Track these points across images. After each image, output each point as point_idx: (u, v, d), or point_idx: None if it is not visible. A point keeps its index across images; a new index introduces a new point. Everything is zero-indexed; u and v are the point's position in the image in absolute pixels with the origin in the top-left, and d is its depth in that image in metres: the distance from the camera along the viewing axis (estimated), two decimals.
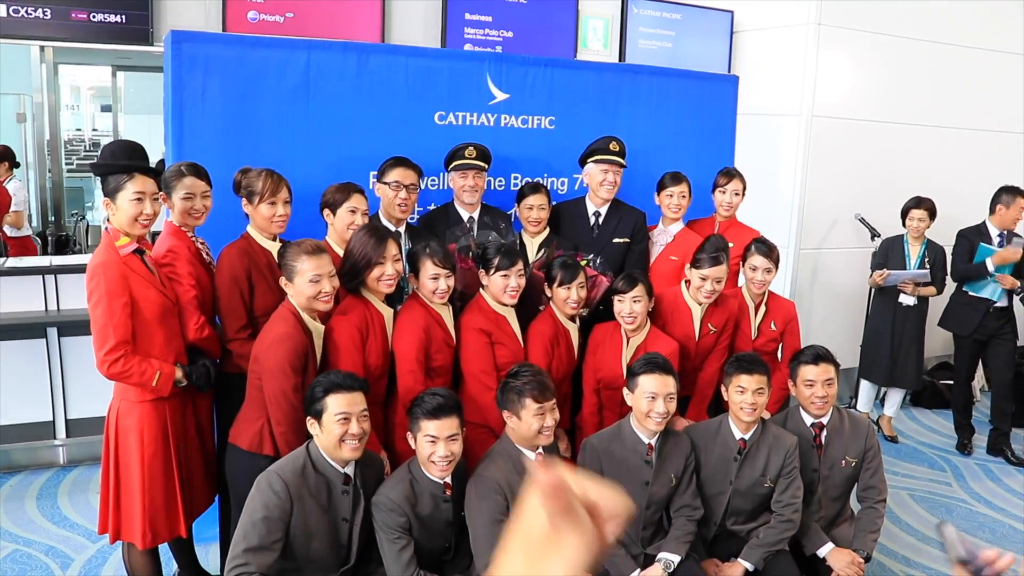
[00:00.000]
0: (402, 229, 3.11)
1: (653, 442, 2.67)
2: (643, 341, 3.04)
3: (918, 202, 4.72)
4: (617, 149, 3.43)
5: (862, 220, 5.04)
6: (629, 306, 2.97)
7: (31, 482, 3.98)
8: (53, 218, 6.18)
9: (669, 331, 3.15)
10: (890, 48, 5.30)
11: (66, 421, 4.16)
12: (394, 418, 2.72)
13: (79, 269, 4.18)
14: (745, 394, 2.69)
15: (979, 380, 5.79)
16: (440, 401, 2.36)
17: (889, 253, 4.80)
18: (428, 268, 2.73)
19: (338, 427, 2.25)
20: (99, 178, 2.52)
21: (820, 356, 2.85)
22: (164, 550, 2.81)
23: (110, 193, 2.45)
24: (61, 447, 4.19)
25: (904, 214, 4.76)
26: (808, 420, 2.90)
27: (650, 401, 2.58)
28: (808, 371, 2.84)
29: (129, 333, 2.41)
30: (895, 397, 5.03)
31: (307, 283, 2.48)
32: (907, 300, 4.77)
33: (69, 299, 4.14)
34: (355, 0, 4.48)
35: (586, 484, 0.65)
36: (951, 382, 5.61)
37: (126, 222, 2.46)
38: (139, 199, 2.45)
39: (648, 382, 2.59)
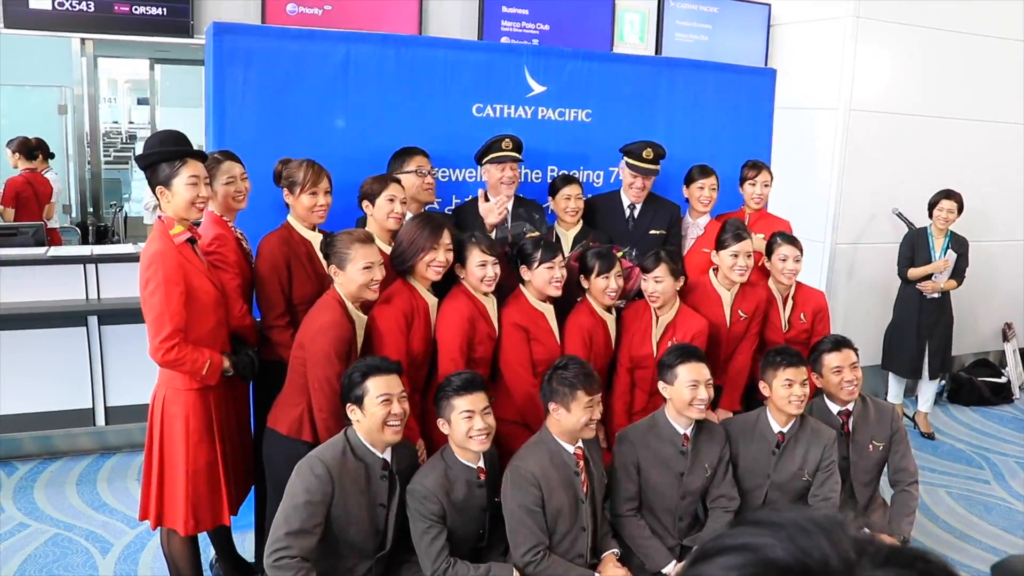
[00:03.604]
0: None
1: (689, 432, 2.68)
2: (672, 319, 3.06)
3: (947, 194, 4.69)
4: (651, 157, 3.41)
5: (899, 215, 4.99)
6: (652, 285, 3.00)
7: (71, 468, 4.07)
8: (92, 209, 6.30)
9: None
10: (929, 41, 5.22)
11: (105, 408, 4.24)
12: (432, 406, 2.75)
13: (119, 258, 4.28)
14: (793, 387, 2.70)
15: (1019, 377, 5.70)
16: (467, 377, 2.42)
17: (916, 246, 4.78)
18: (475, 256, 2.76)
19: (381, 409, 2.29)
20: (146, 169, 2.54)
21: (839, 342, 2.89)
22: (202, 537, 2.84)
23: (164, 181, 2.48)
24: (101, 434, 4.28)
25: (932, 206, 4.73)
26: (835, 409, 2.92)
27: (692, 389, 2.60)
28: (832, 359, 2.86)
29: (184, 321, 2.45)
30: (927, 392, 4.97)
31: (360, 271, 2.52)
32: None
33: (109, 288, 4.21)
34: None
35: None
36: (990, 379, 5.54)
37: (183, 207, 2.50)
38: (194, 183, 2.49)
39: (687, 371, 2.61)
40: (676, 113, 3.93)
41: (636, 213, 3.52)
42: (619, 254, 3.13)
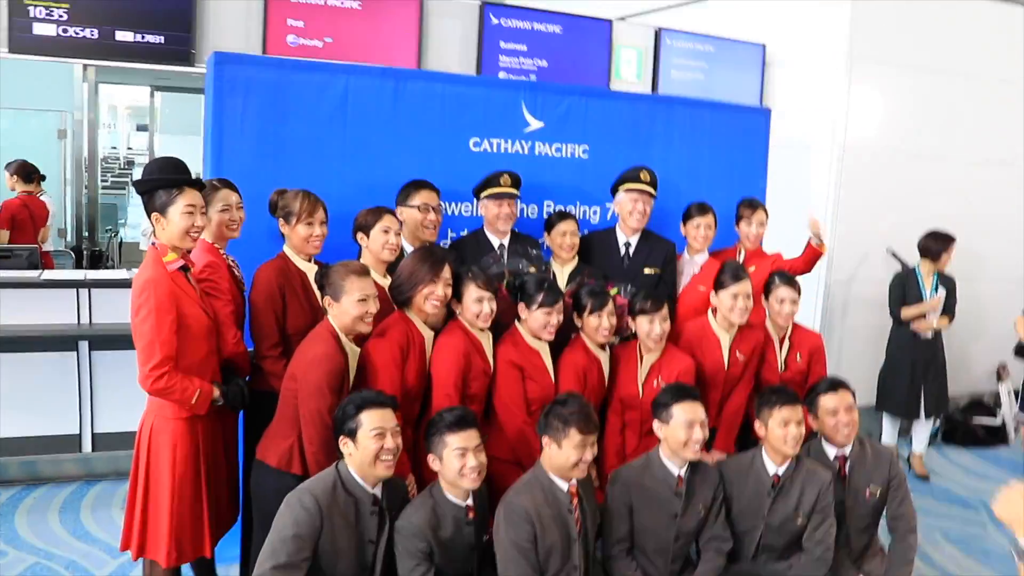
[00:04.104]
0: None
1: (683, 474, 2.66)
2: (658, 359, 3.07)
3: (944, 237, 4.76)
4: (648, 179, 3.46)
5: (894, 254, 5.03)
6: (658, 326, 3.01)
7: (55, 495, 4.02)
8: (87, 233, 6.31)
9: (698, 361, 3.16)
10: (923, 81, 5.31)
11: (93, 435, 4.21)
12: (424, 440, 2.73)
13: (112, 284, 4.27)
14: (789, 426, 2.68)
15: (1014, 419, 5.70)
16: (460, 414, 2.40)
17: (906, 286, 4.82)
18: (472, 291, 2.77)
19: (374, 443, 2.27)
20: (143, 195, 2.54)
21: (836, 384, 2.87)
22: (186, 569, 2.81)
23: (160, 208, 2.48)
24: (86, 461, 4.23)
25: (928, 250, 4.77)
26: (831, 452, 2.89)
27: (688, 429, 2.59)
28: (828, 400, 2.84)
29: (174, 349, 2.44)
30: (923, 433, 4.97)
31: (354, 303, 2.53)
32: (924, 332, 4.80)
33: (102, 313, 4.20)
34: (392, 27, 4.59)
35: None
36: (986, 420, 5.54)
37: (177, 235, 2.50)
38: (191, 211, 2.49)
39: (682, 411, 2.60)
40: (672, 150, 3.97)
41: (631, 250, 3.53)
42: (613, 291, 3.14)
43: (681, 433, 2.59)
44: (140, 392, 2.52)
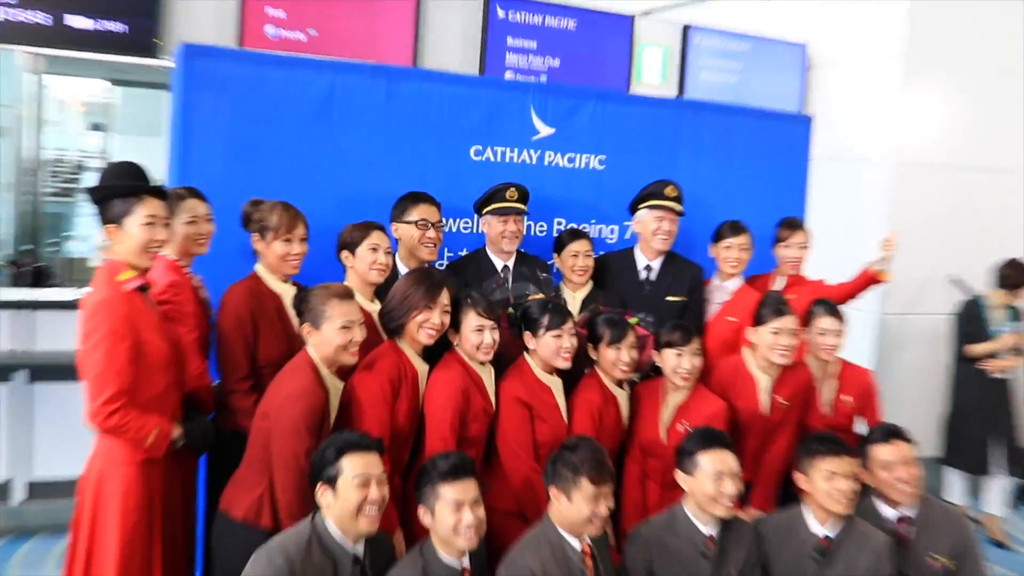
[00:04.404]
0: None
1: (713, 533, 2.66)
2: (684, 400, 3.08)
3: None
4: (674, 195, 3.50)
5: (957, 282, 5.03)
6: (689, 361, 3.03)
7: None
8: (30, 246, 6.34)
9: (732, 405, 3.17)
10: (989, 84, 5.35)
11: (27, 483, 4.19)
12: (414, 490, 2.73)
13: (57, 305, 4.29)
14: (836, 480, 2.67)
15: None
16: (456, 461, 2.40)
17: (972, 319, 4.84)
18: (471, 320, 2.79)
19: (356, 493, 2.27)
20: (97, 204, 2.55)
21: (891, 432, 2.87)
22: None
23: (116, 219, 2.49)
24: (17, 512, 4.20)
25: (1006, 279, 4.79)
26: (888, 512, 2.87)
27: (716, 482, 2.58)
28: (881, 452, 2.84)
29: (130, 382, 2.43)
30: (997, 491, 4.92)
31: (337, 330, 2.55)
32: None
33: (44, 338, 4.22)
34: (386, 20, 4.65)
35: None
36: None
37: (134, 251, 2.50)
38: (151, 223, 2.50)
39: (710, 460, 2.60)
40: (700, 162, 4.02)
41: (653, 275, 3.56)
42: (632, 320, 3.16)
43: (709, 486, 2.59)
44: (86, 431, 2.52)
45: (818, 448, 2.74)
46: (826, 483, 2.69)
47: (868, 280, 3.77)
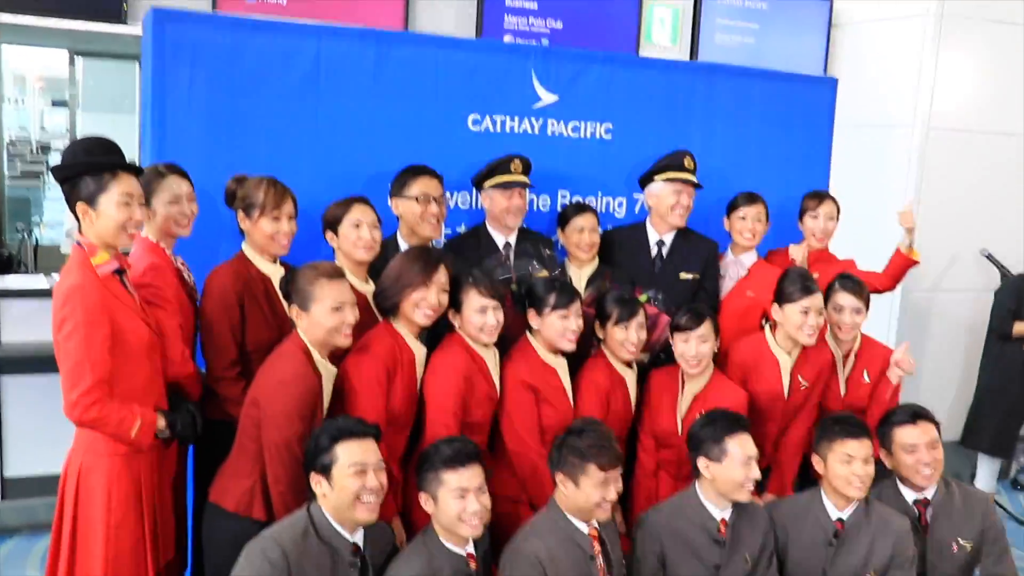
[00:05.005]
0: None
1: (727, 516, 2.75)
2: (702, 389, 3.16)
3: None
4: (692, 167, 3.57)
5: (989, 256, 5.09)
6: (695, 347, 3.10)
7: None
8: None
9: (751, 388, 3.26)
10: None
11: (1, 480, 4.28)
12: (414, 479, 2.82)
13: (25, 294, 4.36)
14: (854, 464, 2.77)
15: None
16: (460, 447, 2.48)
17: (1021, 296, 4.92)
18: (473, 299, 2.86)
19: (353, 481, 2.35)
20: (64, 184, 2.55)
21: (917, 414, 2.95)
22: None
23: (88, 198, 2.49)
24: None
25: None
26: (910, 496, 2.97)
27: (746, 467, 2.69)
28: (906, 434, 2.92)
29: (108, 371, 2.46)
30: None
31: (327, 312, 2.61)
32: None
33: (13, 329, 4.29)
34: None
35: None
36: None
37: (110, 231, 2.52)
38: (126, 202, 2.51)
39: (739, 446, 2.70)
40: (715, 131, 4.06)
41: (665, 251, 3.64)
42: (642, 298, 3.23)
43: (738, 473, 2.69)
44: (63, 426, 2.56)
45: (836, 431, 2.83)
46: (844, 467, 2.78)
47: (903, 264, 3.82)
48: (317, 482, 2.39)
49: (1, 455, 4.26)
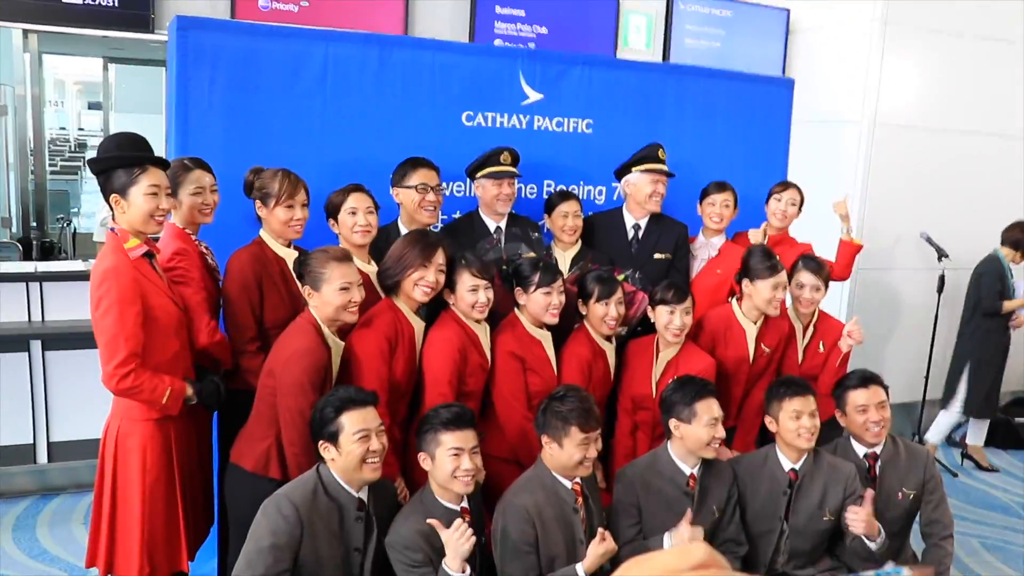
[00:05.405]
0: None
1: (695, 471, 2.74)
2: (675, 357, 3.16)
3: None
4: (664, 158, 3.56)
5: (928, 239, 5.13)
6: (680, 319, 3.10)
7: (7, 512, 4.08)
8: (36, 223, 6.35)
9: (720, 354, 3.27)
10: (964, 49, 5.39)
11: (48, 444, 4.27)
12: (414, 442, 2.80)
13: (66, 276, 4.33)
14: (801, 418, 2.78)
15: None
16: (457, 411, 2.48)
17: (1002, 276, 5.02)
18: (466, 280, 2.85)
19: (359, 446, 2.34)
20: (99, 176, 2.57)
21: (868, 378, 2.96)
22: None
23: (119, 189, 2.51)
24: (42, 472, 4.30)
25: (1019, 243, 4.99)
26: (861, 451, 2.99)
27: (712, 427, 2.68)
28: (857, 396, 2.93)
29: (140, 345, 2.48)
30: (981, 426, 5.25)
31: (336, 291, 2.60)
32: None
33: (55, 309, 4.27)
34: None
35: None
36: None
37: (140, 219, 2.53)
38: (154, 192, 2.52)
39: (705, 409, 2.70)
40: (684, 125, 4.05)
41: (641, 233, 3.62)
42: (620, 277, 3.22)
43: (704, 433, 2.69)
44: (101, 395, 2.58)
45: (783, 391, 2.84)
46: (793, 422, 2.79)
47: (849, 251, 3.87)
48: (326, 448, 2.38)
49: (47, 422, 4.25)
